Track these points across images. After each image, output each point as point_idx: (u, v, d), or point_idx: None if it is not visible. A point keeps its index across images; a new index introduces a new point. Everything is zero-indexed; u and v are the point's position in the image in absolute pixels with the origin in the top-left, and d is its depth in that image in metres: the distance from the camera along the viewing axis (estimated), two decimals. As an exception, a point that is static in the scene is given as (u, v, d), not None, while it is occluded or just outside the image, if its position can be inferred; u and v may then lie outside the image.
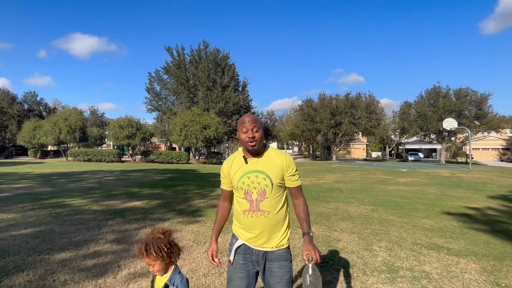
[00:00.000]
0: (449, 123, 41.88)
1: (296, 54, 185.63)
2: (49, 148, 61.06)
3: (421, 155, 67.16)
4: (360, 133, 59.46)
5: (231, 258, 2.55)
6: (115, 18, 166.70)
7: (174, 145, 60.90)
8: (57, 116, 48.52)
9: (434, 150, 78.94)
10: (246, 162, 2.49)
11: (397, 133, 65.63)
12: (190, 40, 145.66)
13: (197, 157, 46.11)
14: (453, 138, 57.72)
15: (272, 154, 2.53)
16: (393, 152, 75.03)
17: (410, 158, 63.12)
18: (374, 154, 79.52)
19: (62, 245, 5.75)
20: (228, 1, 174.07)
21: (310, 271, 2.14)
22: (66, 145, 51.82)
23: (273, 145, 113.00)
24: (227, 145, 66.43)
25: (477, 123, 50.79)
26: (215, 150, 55.35)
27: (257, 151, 2.47)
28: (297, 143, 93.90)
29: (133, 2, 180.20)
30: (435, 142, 59.71)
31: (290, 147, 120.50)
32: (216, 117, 41.89)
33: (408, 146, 79.06)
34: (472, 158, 61.72)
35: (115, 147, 54.54)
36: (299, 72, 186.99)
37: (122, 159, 46.37)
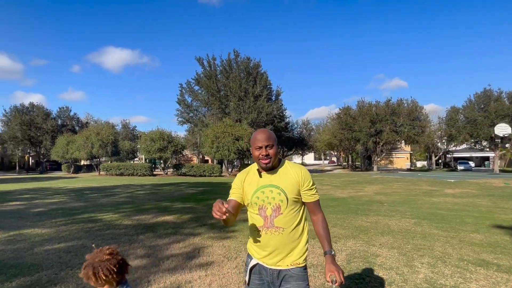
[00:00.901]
0: (502, 129, 40.46)
1: (334, 60, 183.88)
2: (82, 162, 63.42)
3: (471, 164, 64.67)
4: (403, 141, 58.33)
5: (247, 278, 2.50)
6: (148, 31, 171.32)
7: (206, 158, 61.57)
8: (89, 130, 50.37)
9: (487, 158, 76.13)
10: (261, 176, 2.45)
11: (444, 140, 63.74)
12: (221, 50, 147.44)
13: (230, 170, 46.43)
14: (507, 145, 55.47)
15: (287, 168, 2.48)
16: (440, 161, 72.74)
17: (459, 167, 61.10)
18: (419, 164, 77.43)
19: (94, 260, 5.97)
20: (258, 8, 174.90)
21: None
22: (98, 160, 53.49)
23: (310, 156, 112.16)
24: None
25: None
26: (248, 162, 55.63)
27: (271, 168, 2.44)
28: (335, 153, 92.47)
29: (164, 14, 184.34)
30: (487, 149, 57.47)
31: (327, 158, 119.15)
32: (249, 128, 41.95)
33: (457, 155, 76.33)
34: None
35: (147, 160, 55.80)
36: (337, 79, 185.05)
37: (154, 172, 47.38)
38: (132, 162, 59.54)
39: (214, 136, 39.98)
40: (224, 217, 1.98)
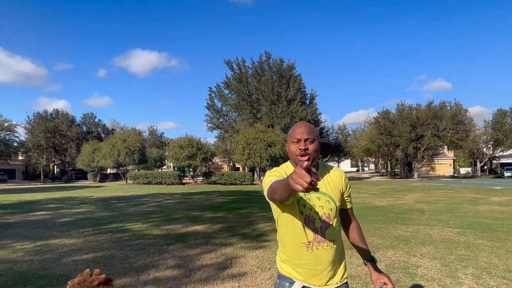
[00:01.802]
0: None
1: (373, 60, 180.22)
2: (108, 171, 64.77)
3: None
4: (446, 146, 57.71)
5: None
6: (176, 31, 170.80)
7: (237, 165, 61.76)
8: (115, 137, 51.33)
9: (536, 164, 73.60)
10: None
11: (489, 145, 62.05)
12: (252, 51, 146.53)
13: (262, 178, 46.43)
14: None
15: (327, 171, 2.32)
16: (485, 167, 70.76)
17: (506, 174, 59.38)
18: (463, 170, 76.22)
19: (123, 271, 6.12)
20: (292, 6, 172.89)
21: None
22: (125, 168, 54.44)
23: (346, 163, 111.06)
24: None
25: None
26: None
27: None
28: (373, 159, 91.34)
29: (193, 14, 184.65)
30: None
31: (365, 165, 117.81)
32: (282, 134, 41.84)
33: (504, 160, 73.79)
34: None
35: (176, 168, 56.39)
36: (376, 80, 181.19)
37: (183, 181, 47.89)
38: (160, 170, 60.43)
39: (245, 142, 40.17)
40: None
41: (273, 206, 2.23)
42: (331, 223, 2.17)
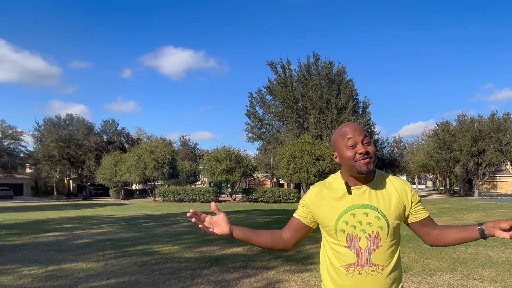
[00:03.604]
0: None
1: (434, 66, 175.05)
2: (134, 186, 65.36)
3: None
4: (509, 162, 58.66)
5: None
6: (215, 26, 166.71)
7: (281, 181, 61.71)
8: (142, 148, 52.00)
9: None
10: (350, 192, 2.17)
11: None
12: (297, 53, 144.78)
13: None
14: None
15: (384, 181, 2.25)
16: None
17: None
18: (527, 188, 74.42)
19: (149, 298, 6.10)
20: (342, 5, 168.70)
21: None
22: (153, 183, 55.04)
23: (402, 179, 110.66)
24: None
25: None
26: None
27: (367, 176, 2.17)
28: (431, 176, 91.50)
29: (235, 8, 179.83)
30: None
31: (422, 181, 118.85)
32: (331, 146, 41.50)
33: None
34: None
35: (211, 184, 56.82)
36: (438, 89, 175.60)
37: (220, 198, 48.28)
38: (193, 186, 60.98)
39: (290, 155, 40.30)
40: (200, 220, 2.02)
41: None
42: (380, 244, 2.12)
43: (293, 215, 2.35)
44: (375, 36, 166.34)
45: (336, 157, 2.24)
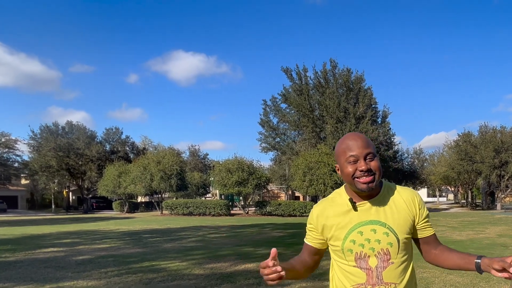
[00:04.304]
0: None
1: (457, 74, 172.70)
2: (139, 199, 65.41)
3: None
4: None
5: None
6: (228, 29, 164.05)
7: (297, 194, 61.55)
8: (148, 158, 51.89)
9: None
10: (356, 209, 2.15)
11: None
12: (313, 60, 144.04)
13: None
14: None
15: (392, 193, 2.23)
16: None
17: None
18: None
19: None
20: (361, 12, 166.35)
21: None
22: (160, 196, 54.97)
23: (422, 191, 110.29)
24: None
25: None
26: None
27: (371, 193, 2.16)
28: (452, 188, 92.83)
29: (251, 10, 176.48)
30: None
31: (443, 194, 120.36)
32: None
33: None
34: None
35: (222, 196, 56.76)
36: (461, 98, 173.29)
37: (232, 211, 48.13)
38: (203, 198, 60.96)
39: (306, 166, 40.46)
40: (279, 276, 1.94)
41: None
42: (391, 261, 2.11)
43: (304, 240, 2.38)
44: (395, 44, 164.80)
45: (338, 169, 2.21)
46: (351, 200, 2.14)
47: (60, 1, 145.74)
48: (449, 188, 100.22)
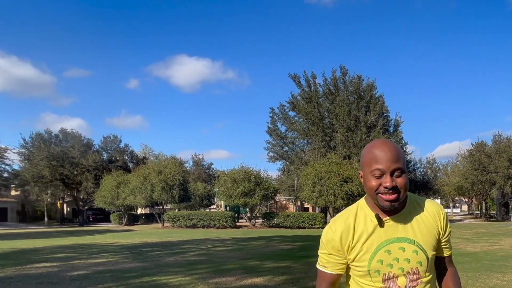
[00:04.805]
0: None
1: (474, 81, 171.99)
2: (139, 211, 65.50)
3: None
4: None
5: None
6: (235, 34, 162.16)
7: (306, 205, 61.65)
8: (148, 168, 51.99)
9: None
10: (382, 225, 2.05)
11: None
12: (322, 66, 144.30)
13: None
14: None
15: (418, 207, 2.14)
16: None
17: None
18: None
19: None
20: (372, 18, 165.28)
21: None
22: (161, 207, 55.01)
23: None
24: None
25: None
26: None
27: (396, 210, 2.05)
28: (466, 199, 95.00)
29: (259, 14, 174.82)
30: None
31: (457, 205, 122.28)
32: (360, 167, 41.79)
33: None
34: None
35: (228, 208, 56.73)
36: (476, 107, 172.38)
37: (237, 223, 48.32)
38: (207, 210, 61.03)
39: (315, 176, 40.61)
40: None
41: None
42: (420, 280, 2.06)
43: (322, 269, 2.19)
44: (408, 50, 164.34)
45: (361, 177, 2.10)
46: (377, 216, 2.04)
47: (54, 2, 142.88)
48: (463, 199, 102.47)
